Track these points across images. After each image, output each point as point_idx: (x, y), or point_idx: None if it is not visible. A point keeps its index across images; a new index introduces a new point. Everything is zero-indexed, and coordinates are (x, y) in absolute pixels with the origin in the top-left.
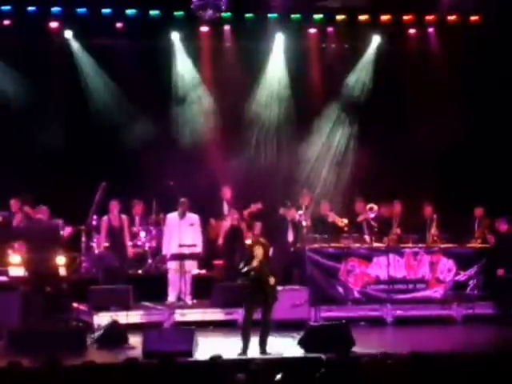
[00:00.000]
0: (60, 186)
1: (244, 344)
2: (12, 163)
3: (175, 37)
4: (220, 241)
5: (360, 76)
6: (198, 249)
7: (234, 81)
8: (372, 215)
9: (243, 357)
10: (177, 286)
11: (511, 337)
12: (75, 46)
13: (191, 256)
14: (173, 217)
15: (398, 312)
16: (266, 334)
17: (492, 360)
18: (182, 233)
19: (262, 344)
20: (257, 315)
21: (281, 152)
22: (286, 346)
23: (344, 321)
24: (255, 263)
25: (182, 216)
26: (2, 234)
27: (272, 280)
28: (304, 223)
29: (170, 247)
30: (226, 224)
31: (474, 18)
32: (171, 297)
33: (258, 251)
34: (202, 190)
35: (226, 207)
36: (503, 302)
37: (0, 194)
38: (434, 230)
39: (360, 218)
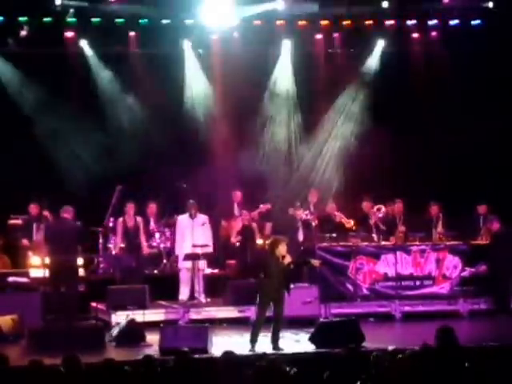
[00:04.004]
0: (79, 189)
1: (253, 340)
2: (30, 169)
3: (187, 45)
4: (233, 240)
5: (364, 79)
6: (210, 249)
7: (244, 86)
8: (380, 215)
9: (256, 353)
10: (189, 285)
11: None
12: (90, 54)
13: (204, 256)
14: (184, 218)
15: (406, 308)
16: (279, 331)
17: (496, 354)
18: (195, 233)
19: (275, 340)
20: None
21: (289, 153)
22: (297, 343)
23: (353, 317)
24: (287, 259)
25: (193, 217)
26: (22, 236)
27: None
28: (313, 223)
29: (182, 247)
30: (238, 224)
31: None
32: (183, 295)
33: (283, 248)
34: (212, 192)
35: (236, 208)
36: (499, 296)
37: (21, 198)
38: (440, 229)
39: (372, 221)
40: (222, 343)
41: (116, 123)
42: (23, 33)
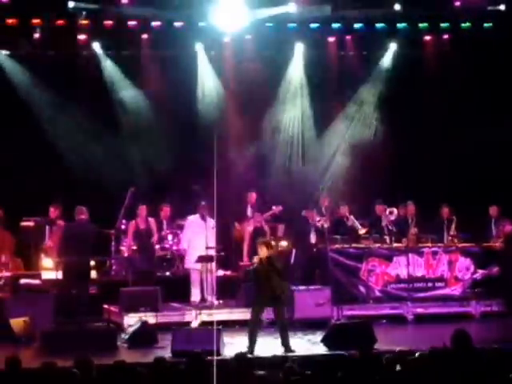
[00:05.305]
0: (90, 191)
1: (249, 343)
2: (41, 171)
3: (199, 47)
4: (245, 242)
5: (377, 82)
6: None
7: (256, 88)
8: (392, 218)
9: (267, 355)
10: (200, 287)
11: None
12: (102, 57)
13: (217, 258)
14: (195, 219)
15: (418, 310)
16: (285, 333)
17: (509, 356)
18: (208, 235)
19: (284, 343)
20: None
21: (301, 156)
22: (309, 345)
23: (366, 319)
24: (255, 259)
25: (205, 219)
26: (34, 239)
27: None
28: (325, 225)
29: (193, 248)
30: (250, 226)
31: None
32: (194, 297)
33: (261, 250)
34: (225, 195)
35: (249, 210)
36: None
37: (40, 200)
38: (452, 231)
39: (384, 223)
40: (234, 345)
41: (128, 125)
42: (36, 35)
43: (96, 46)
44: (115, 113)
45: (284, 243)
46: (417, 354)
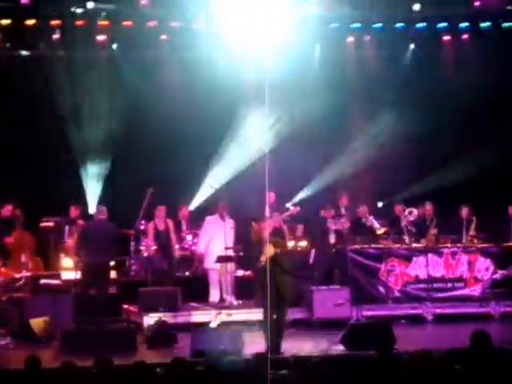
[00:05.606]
0: (109, 192)
1: (269, 344)
2: (62, 171)
3: (219, 48)
4: (264, 243)
5: (396, 82)
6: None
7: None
8: (411, 218)
9: (288, 355)
10: (219, 287)
11: None
12: (121, 58)
13: (236, 258)
14: (214, 219)
15: (438, 310)
16: (279, 334)
17: None
18: (227, 236)
19: (274, 343)
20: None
21: (321, 156)
22: (328, 345)
23: (385, 319)
24: (262, 258)
25: (224, 219)
26: (53, 239)
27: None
28: (345, 226)
29: (212, 248)
30: (269, 227)
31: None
32: (213, 297)
33: (269, 249)
34: (242, 195)
35: (267, 211)
36: None
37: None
38: (472, 231)
39: (403, 224)
40: (252, 345)
41: (148, 127)
42: (55, 36)
43: (115, 47)
44: (134, 114)
45: (303, 243)
46: (436, 354)
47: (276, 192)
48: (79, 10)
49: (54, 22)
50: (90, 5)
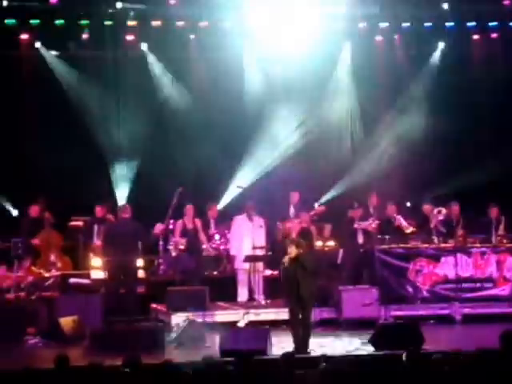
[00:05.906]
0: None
1: (297, 343)
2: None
3: (246, 47)
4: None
5: (425, 81)
6: (265, 251)
7: (304, 87)
8: (441, 218)
9: (316, 354)
10: (246, 286)
11: None
12: (150, 57)
13: (264, 258)
14: (242, 219)
15: (466, 310)
16: (306, 334)
17: None
18: (255, 235)
19: (301, 342)
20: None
21: (349, 155)
22: (356, 344)
23: (413, 319)
24: (285, 259)
25: (251, 219)
26: (82, 238)
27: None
28: (373, 225)
29: (240, 248)
30: (294, 226)
31: None
32: (242, 297)
33: (290, 249)
34: (269, 193)
35: (292, 210)
36: None
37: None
38: (501, 231)
39: (433, 224)
40: (281, 345)
41: (176, 126)
42: (84, 36)
43: (144, 47)
44: (163, 114)
45: (331, 243)
46: (465, 355)
47: (304, 192)
48: (108, 10)
49: (83, 22)
50: (119, 5)
